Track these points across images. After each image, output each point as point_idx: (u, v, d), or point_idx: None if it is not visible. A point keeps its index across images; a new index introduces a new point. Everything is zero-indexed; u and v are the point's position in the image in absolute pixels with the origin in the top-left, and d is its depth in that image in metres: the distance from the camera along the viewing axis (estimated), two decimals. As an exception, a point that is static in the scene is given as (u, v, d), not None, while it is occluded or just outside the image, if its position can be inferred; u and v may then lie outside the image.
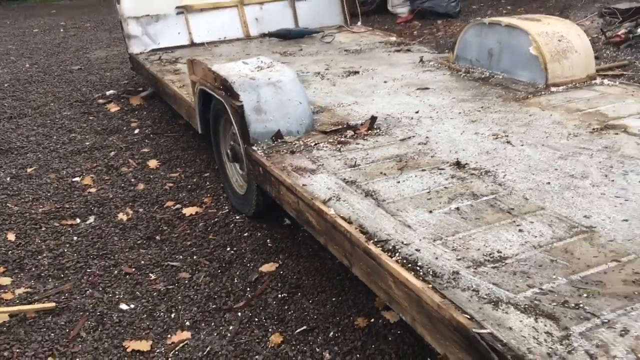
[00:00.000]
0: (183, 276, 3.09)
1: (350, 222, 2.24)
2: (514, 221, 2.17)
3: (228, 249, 3.31)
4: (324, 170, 2.75)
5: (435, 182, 2.54)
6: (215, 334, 2.66)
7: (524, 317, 1.65)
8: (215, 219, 3.62)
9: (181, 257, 3.27)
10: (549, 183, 2.46)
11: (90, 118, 5.63)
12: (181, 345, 2.61)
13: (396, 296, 1.94)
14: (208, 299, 2.91)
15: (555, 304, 1.70)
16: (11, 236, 3.59)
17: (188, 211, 3.73)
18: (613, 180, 2.43)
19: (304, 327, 2.65)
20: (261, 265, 3.13)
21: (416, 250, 2.02)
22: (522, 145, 2.88)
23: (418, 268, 1.92)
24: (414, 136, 3.12)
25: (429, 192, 2.46)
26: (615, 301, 1.69)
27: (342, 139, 3.13)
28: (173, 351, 2.57)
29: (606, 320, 1.61)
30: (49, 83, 7.03)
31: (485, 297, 1.75)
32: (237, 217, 3.61)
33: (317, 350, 2.51)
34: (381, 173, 2.68)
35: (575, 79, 3.79)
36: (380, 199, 2.42)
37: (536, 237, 2.06)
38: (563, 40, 3.80)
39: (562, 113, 3.28)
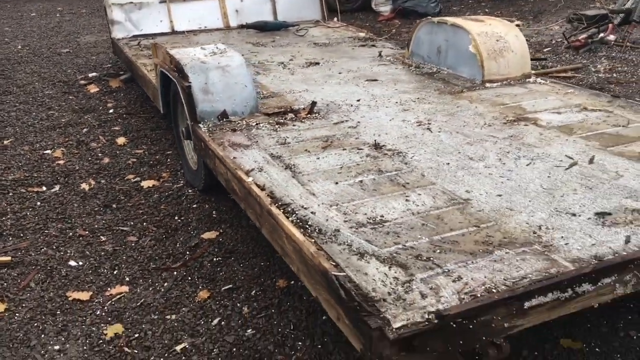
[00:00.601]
0: (130, 239, 3.39)
1: (263, 189, 2.54)
2: (405, 193, 2.47)
3: (176, 217, 3.61)
4: (256, 146, 3.05)
5: (351, 160, 2.84)
6: (150, 289, 2.96)
7: (381, 266, 1.94)
8: (170, 192, 3.92)
9: (132, 223, 3.57)
10: (448, 164, 2.75)
11: (70, 97, 5.93)
12: (118, 297, 2.91)
13: (287, 250, 2.23)
14: (150, 259, 3.20)
15: (410, 257, 1.99)
16: (-20, 199, 3.89)
17: (146, 184, 4.03)
18: (504, 163, 2.72)
19: (230, 286, 2.95)
20: (203, 232, 3.42)
21: (311, 213, 2.31)
22: (439, 131, 3.18)
23: (307, 226, 2.21)
24: (347, 120, 3.41)
25: (341, 167, 2.75)
26: (461, 256, 1.99)
27: (282, 121, 3.43)
28: (110, 302, 2.87)
29: (446, 270, 1.91)
30: (37, 64, 7.33)
31: (355, 250, 2.04)
32: (190, 191, 3.91)
33: (238, 305, 2.81)
34: (306, 150, 2.97)
35: (510, 76, 4.08)
36: (297, 172, 2.72)
37: (418, 206, 2.35)
38: (501, 40, 4.09)
39: (487, 106, 3.57)
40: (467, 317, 1.72)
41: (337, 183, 2.59)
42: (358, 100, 3.79)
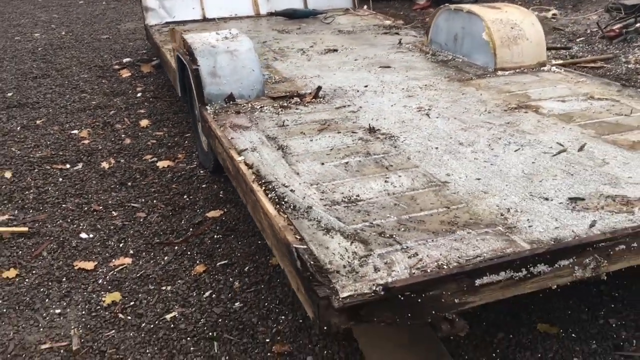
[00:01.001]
0: (140, 215, 3.56)
1: (250, 167, 2.64)
2: (386, 174, 2.52)
3: (185, 196, 3.76)
4: (255, 128, 3.15)
5: (342, 142, 2.90)
6: (151, 262, 3.11)
7: (343, 241, 2.02)
8: (183, 172, 4.07)
9: (143, 200, 3.73)
10: (437, 148, 2.78)
11: (103, 81, 6.17)
12: (120, 268, 3.07)
13: (264, 225, 2.33)
14: (155, 234, 3.36)
15: (374, 234, 2.06)
16: (8, 174, 4.13)
17: (161, 164, 4.19)
18: (493, 149, 2.74)
19: (226, 261, 3.07)
20: (208, 211, 3.55)
21: (291, 190, 2.40)
22: (437, 117, 3.20)
23: (283, 203, 2.30)
24: (349, 105, 3.47)
25: (331, 149, 2.82)
26: (423, 235, 2.04)
27: (286, 104, 3.51)
28: (112, 272, 3.04)
29: (405, 247, 1.96)
30: (77, 49, 7.63)
31: (323, 226, 2.12)
32: (201, 172, 4.05)
33: (230, 280, 2.93)
34: (301, 132, 3.06)
35: (524, 64, 4.04)
36: (288, 152, 2.81)
37: (395, 187, 2.41)
38: (515, 28, 4.06)
39: (492, 93, 3.56)
40: (415, 291, 1.78)
41: (323, 164, 2.66)
42: (365, 86, 3.83)
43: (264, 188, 2.43)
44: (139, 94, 5.72)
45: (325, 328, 1.75)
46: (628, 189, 2.28)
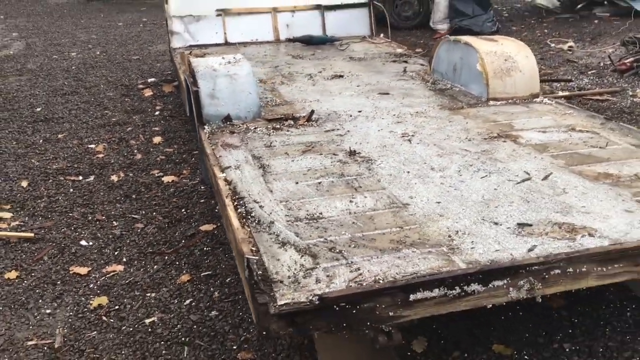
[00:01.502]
0: (138, 226, 3.77)
1: (229, 184, 2.82)
2: (352, 195, 2.67)
3: (183, 210, 3.96)
4: (244, 147, 3.34)
5: (321, 164, 3.07)
6: (141, 270, 3.31)
7: (295, 254, 2.17)
8: (185, 187, 4.29)
9: (143, 212, 3.95)
10: (408, 172, 2.92)
11: (126, 100, 6.49)
12: (112, 274, 3.28)
13: (230, 237, 2.50)
14: (149, 244, 3.56)
15: (325, 249, 2.20)
16: (24, 183, 4.42)
17: (166, 179, 4.42)
18: (461, 175, 2.85)
19: (210, 272, 3.24)
20: (202, 225, 3.75)
21: (260, 206, 2.57)
22: (418, 143, 3.34)
23: (250, 217, 2.47)
24: (338, 129, 3.63)
25: (309, 169, 2.99)
26: (370, 251, 2.17)
27: (278, 126, 3.70)
28: (104, 277, 3.25)
29: (350, 262, 2.10)
30: (108, 69, 8.02)
31: (280, 240, 2.28)
32: (202, 188, 4.26)
33: (211, 290, 3.10)
34: (285, 153, 3.23)
35: (517, 96, 4.15)
36: (268, 171, 2.98)
37: (358, 207, 2.55)
38: (509, 60, 4.18)
39: (478, 122, 3.68)
40: (349, 302, 1.91)
41: (297, 183, 2.82)
42: (359, 112, 4.00)
43: (235, 203, 2.60)
44: (157, 112, 6.01)
45: (264, 333, 1.89)
46: (577, 218, 2.37)
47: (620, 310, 2.78)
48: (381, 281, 1.97)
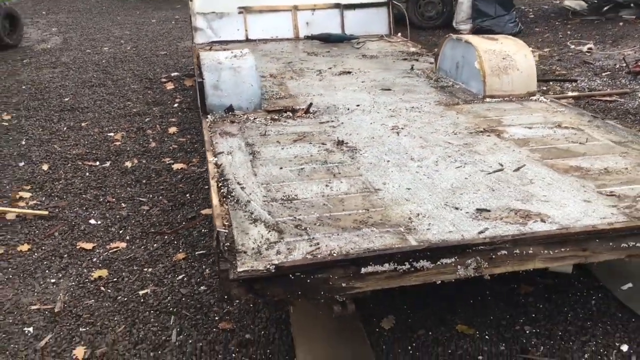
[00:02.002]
0: (144, 208, 4.02)
1: (218, 167, 3.02)
2: (330, 180, 2.84)
3: (187, 195, 4.20)
4: (240, 135, 3.54)
5: (308, 152, 3.24)
6: (142, 247, 3.55)
7: (263, 229, 2.35)
8: (192, 174, 4.52)
9: (150, 196, 4.20)
10: (388, 161, 3.07)
11: (148, 92, 6.79)
12: (115, 250, 3.52)
13: (213, 215, 2.69)
14: (152, 225, 3.80)
15: (292, 226, 2.38)
16: (45, 167, 4.73)
17: (176, 166, 4.66)
18: (437, 165, 3.00)
19: (204, 252, 3.46)
20: (203, 209, 3.97)
21: (241, 188, 2.76)
22: (405, 135, 3.48)
23: (230, 197, 2.66)
24: (333, 121, 3.81)
25: (295, 156, 3.17)
26: (332, 229, 2.34)
27: (277, 117, 3.89)
28: (107, 252, 3.50)
29: (312, 238, 2.28)
30: (136, 63, 8.35)
31: (253, 217, 2.47)
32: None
33: (203, 267, 3.31)
34: (277, 142, 3.42)
35: (514, 94, 4.25)
36: (257, 157, 3.17)
37: (332, 190, 2.72)
38: (507, 58, 4.28)
39: (469, 117, 3.80)
40: (303, 272, 2.09)
41: (281, 168, 3.01)
42: (357, 105, 4.16)
43: (219, 184, 2.81)
44: (175, 105, 6.28)
45: (225, 297, 2.09)
46: (535, 205, 2.50)
47: (585, 298, 2.88)
48: (335, 254, 2.14)
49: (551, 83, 6.31)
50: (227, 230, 2.32)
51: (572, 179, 2.77)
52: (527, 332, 2.67)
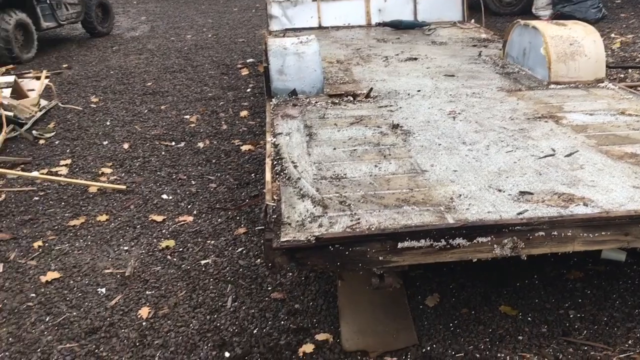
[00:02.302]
0: (211, 185, 4.27)
1: (275, 147, 3.19)
2: (380, 161, 2.94)
3: (252, 174, 4.41)
4: (300, 118, 3.70)
5: (363, 134, 3.36)
6: (207, 221, 3.79)
7: (309, 204, 2.50)
8: (259, 156, 4.74)
9: (219, 174, 4.45)
10: (440, 145, 3.14)
11: (224, 78, 7.09)
12: (182, 223, 3.79)
13: (265, 190, 2.87)
14: (217, 201, 4.04)
15: (337, 202, 2.51)
16: (126, 145, 5.09)
17: (244, 148, 4.90)
18: (488, 149, 3.03)
19: (263, 227, 3.65)
20: (266, 188, 4.17)
21: (294, 166, 2.92)
22: (461, 120, 3.52)
23: (282, 174, 2.83)
24: (391, 105, 3.89)
25: (350, 138, 3.29)
26: (375, 207, 2.45)
27: (337, 101, 4.02)
28: (175, 225, 3.76)
29: (354, 214, 2.40)
30: (215, 50, 8.71)
31: (301, 193, 2.62)
32: (273, 156, 4.68)
33: (262, 242, 3.50)
34: (335, 124, 3.55)
35: (581, 80, 4.17)
36: (313, 138, 3.32)
37: (380, 170, 2.83)
38: (575, 44, 4.19)
39: (529, 104, 3.78)
40: (342, 244, 2.22)
41: (334, 149, 3.14)
42: (418, 91, 4.22)
43: (274, 162, 2.98)
44: (248, 90, 6.54)
45: (270, 265, 2.25)
46: (580, 190, 2.50)
47: (636, 286, 2.84)
48: (373, 229, 2.26)
49: (629, 70, 6.06)
50: (275, 204, 2.49)
51: (625, 166, 2.73)
52: (571, 316, 2.68)
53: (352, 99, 4.08)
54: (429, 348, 2.58)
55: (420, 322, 2.73)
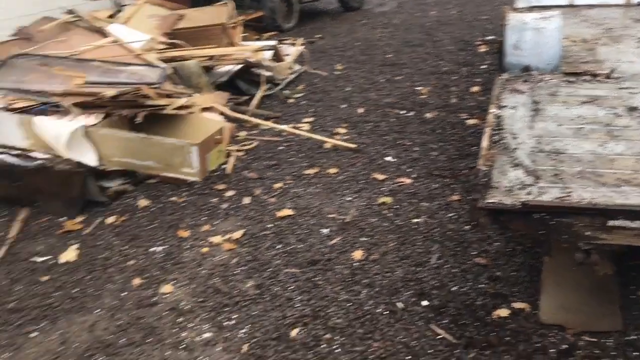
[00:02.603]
0: (432, 153, 4.46)
1: (497, 118, 3.24)
2: (606, 141, 2.83)
3: (474, 147, 4.45)
4: (529, 93, 3.66)
5: (594, 114, 3.23)
6: (424, 185, 4.00)
7: (521, 173, 2.55)
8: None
9: (441, 144, 4.61)
10: (681, 131, 2.90)
11: (461, 53, 7.14)
12: (400, 184, 4.05)
13: (480, 155, 2.96)
14: (436, 168, 4.22)
15: (551, 175, 2.52)
16: (361, 110, 5.51)
17: (470, 122, 4.98)
18: None
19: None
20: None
21: (513, 137, 2.95)
22: None
23: (500, 144, 2.89)
24: (635, 88, 3.63)
25: (578, 117, 3.20)
26: (590, 183, 2.42)
27: (573, 80, 3.88)
28: (394, 184, 4.04)
29: (566, 187, 2.40)
30: (457, 26, 8.76)
31: (515, 162, 2.67)
32: (499, 132, 4.69)
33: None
34: (564, 102, 3.46)
35: None
36: (538, 114, 3.29)
37: (605, 150, 2.73)
38: None
39: None
40: (549, 213, 2.25)
41: (559, 125, 3.09)
42: (670, 75, 3.86)
43: (493, 132, 3.04)
44: (484, 66, 6.52)
45: (473, 223, 2.38)
46: None
47: None
48: (583, 203, 2.24)
49: None
50: (487, 169, 2.59)
51: None
52: None
53: (590, 78, 3.90)
54: (634, 337, 2.48)
55: (628, 311, 2.62)
